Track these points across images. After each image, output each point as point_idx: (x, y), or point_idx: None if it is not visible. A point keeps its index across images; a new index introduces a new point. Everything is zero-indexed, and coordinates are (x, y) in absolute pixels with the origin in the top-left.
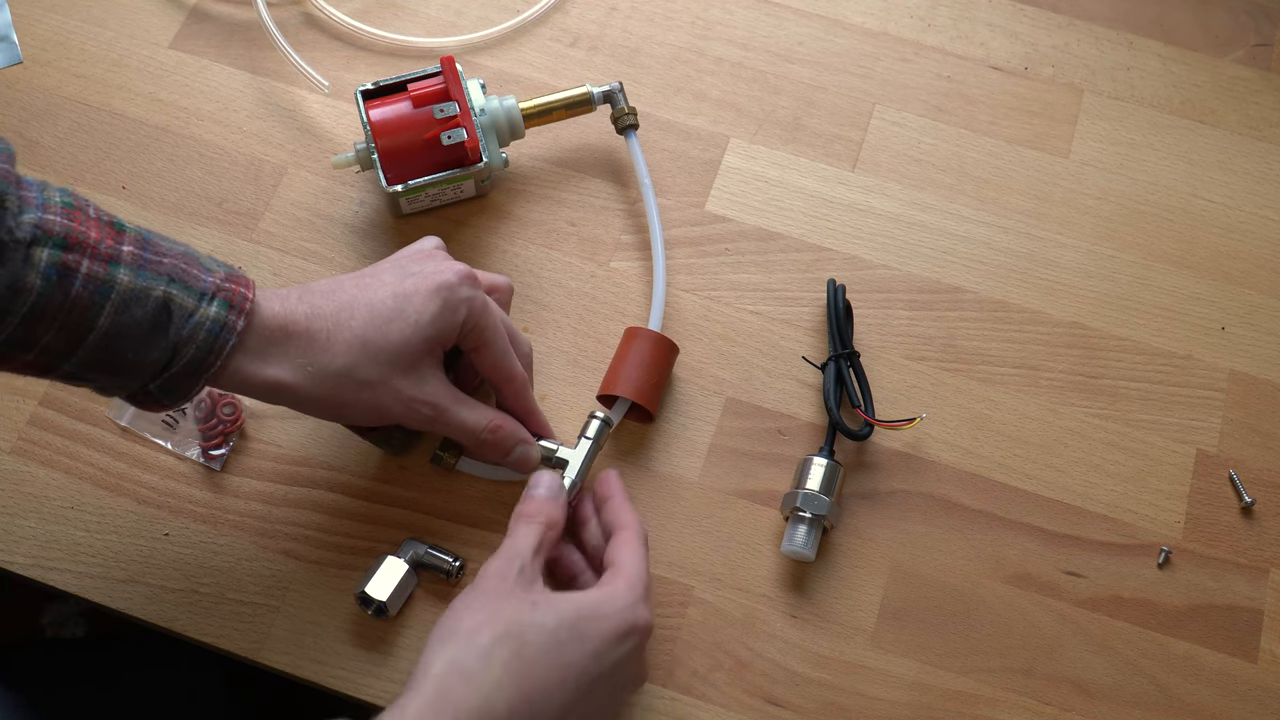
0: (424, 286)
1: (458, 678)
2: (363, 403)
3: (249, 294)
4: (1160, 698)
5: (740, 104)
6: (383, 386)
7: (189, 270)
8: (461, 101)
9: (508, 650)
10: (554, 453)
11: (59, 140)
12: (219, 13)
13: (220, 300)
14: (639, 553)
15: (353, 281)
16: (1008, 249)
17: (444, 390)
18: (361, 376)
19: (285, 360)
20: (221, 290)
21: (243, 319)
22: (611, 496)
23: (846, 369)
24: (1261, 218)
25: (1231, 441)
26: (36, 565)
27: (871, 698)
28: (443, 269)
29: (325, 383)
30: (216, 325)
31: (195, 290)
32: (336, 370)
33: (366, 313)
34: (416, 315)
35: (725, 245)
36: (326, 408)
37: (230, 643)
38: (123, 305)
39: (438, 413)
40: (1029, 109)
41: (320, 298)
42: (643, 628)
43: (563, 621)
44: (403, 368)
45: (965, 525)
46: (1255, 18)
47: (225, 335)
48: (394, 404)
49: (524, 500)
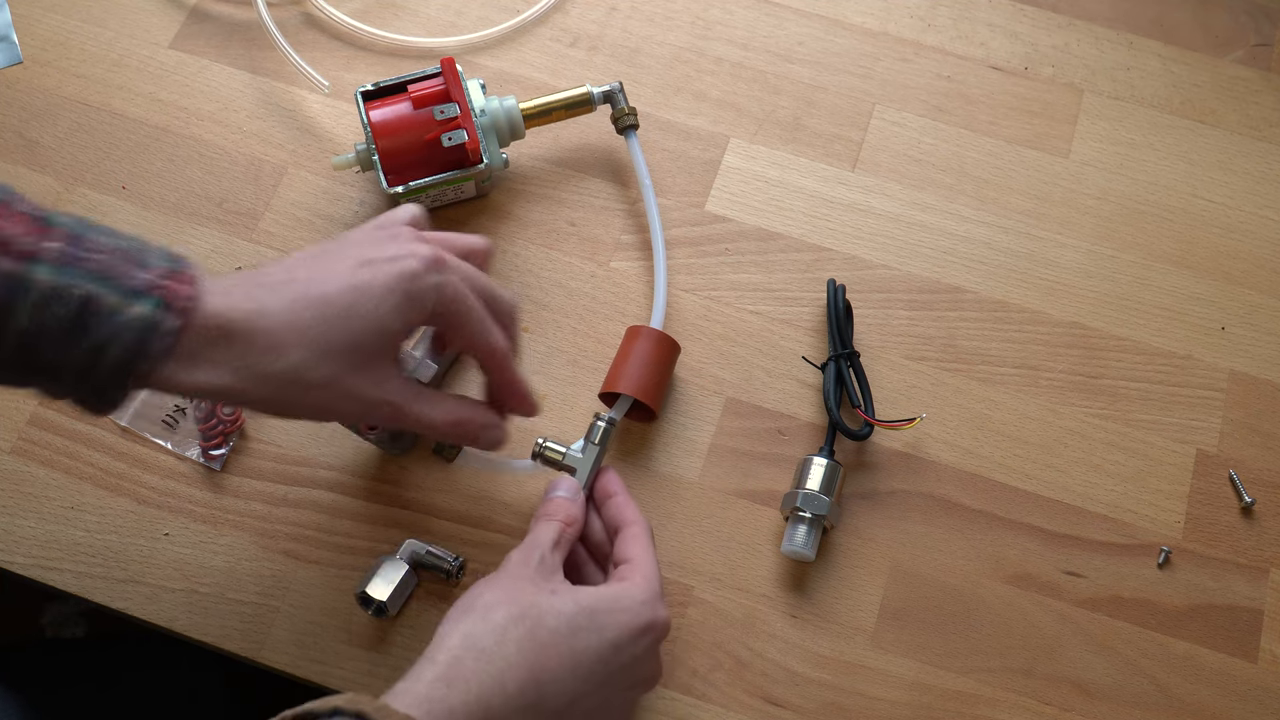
0: (382, 278)
1: (471, 652)
2: (312, 404)
3: (192, 291)
4: (1160, 698)
5: (740, 104)
6: (335, 387)
7: (121, 267)
8: (462, 103)
9: (522, 629)
10: (563, 456)
11: (59, 140)
12: (219, 13)
13: (152, 299)
14: (650, 549)
15: (305, 270)
16: (1008, 249)
17: (401, 387)
18: (311, 378)
19: (223, 363)
20: (157, 288)
21: (179, 319)
22: (615, 494)
23: (846, 369)
24: (1261, 218)
25: (1231, 441)
26: (36, 565)
27: (871, 698)
28: (405, 255)
29: (268, 385)
30: (147, 326)
31: (124, 288)
32: (281, 371)
33: (319, 308)
34: (374, 310)
35: (725, 245)
36: (273, 409)
37: (230, 643)
38: (43, 303)
39: (396, 411)
40: (1029, 109)
41: (267, 292)
42: (661, 625)
43: (580, 609)
44: (357, 366)
45: (965, 525)
46: (1255, 18)
47: (156, 336)
48: (348, 404)
49: (545, 502)
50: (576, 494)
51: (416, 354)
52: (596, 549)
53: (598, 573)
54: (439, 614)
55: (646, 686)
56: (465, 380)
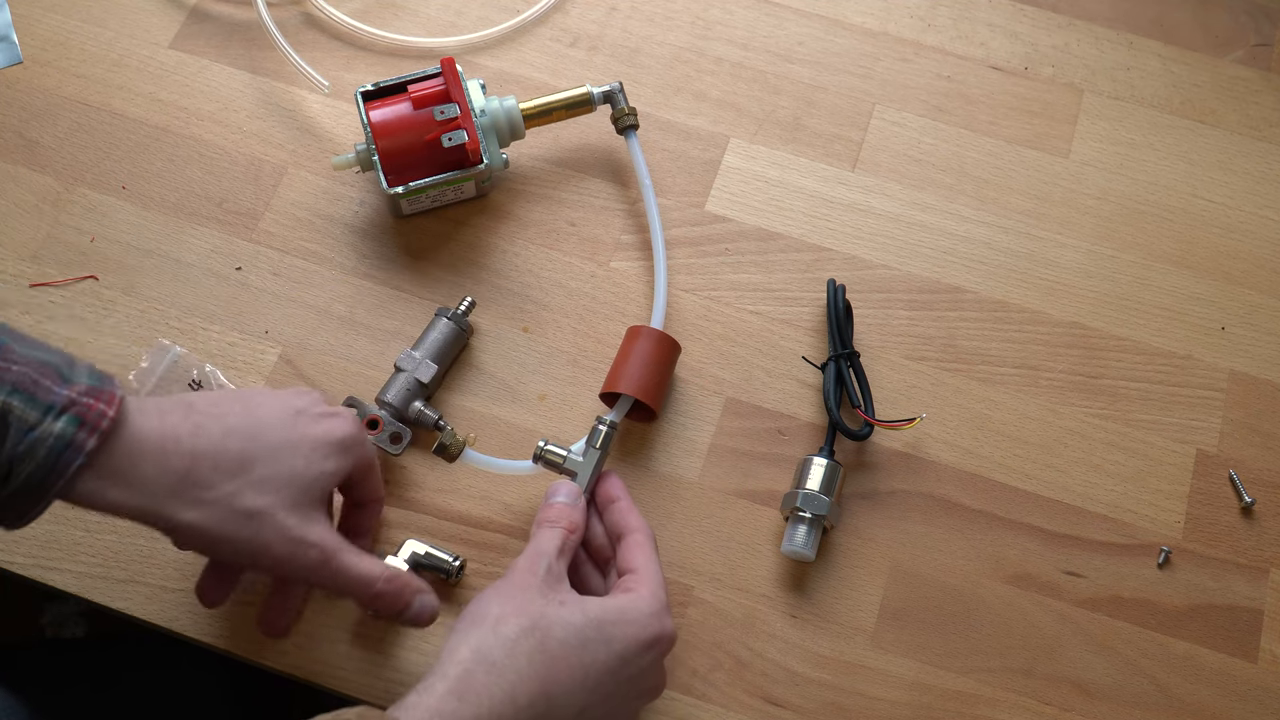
0: (319, 432)
1: (482, 665)
2: (241, 536)
3: (109, 411)
4: (1160, 698)
5: (740, 104)
6: (268, 521)
7: (40, 381)
8: (462, 103)
9: (533, 642)
10: (564, 459)
11: (59, 140)
12: (219, 13)
13: (70, 416)
14: (654, 559)
15: (239, 405)
16: (1008, 249)
17: (332, 535)
18: (245, 506)
19: (153, 483)
20: (75, 405)
21: (94, 438)
22: (617, 499)
23: (846, 369)
24: (1261, 218)
25: (1231, 441)
26: (36, 565)
27: (871, 698)
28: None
29: (203, 512)
30: (60, 443)
31: (41, 403)
32: (216, 498)
33: (258, 441)
34: (309, 455)
35: (725, 245)
36: (197, 539)
37: (230, 643)
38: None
39: (326, 557)
40: (1029, 109)
41: (206, 418)
42: (668, 638)
43: (589, 620)
44: (290, 504)
45: (965, 525)
46: (1255, 18)
47: (70, 454)
48: (277, 540)
49: (545, 508)
50: (577, 499)
51: (417, 354)
52: (597, 553)
53: (597, 576)
54: (440, 615)
55: (651, 696)
56: (465, 380)
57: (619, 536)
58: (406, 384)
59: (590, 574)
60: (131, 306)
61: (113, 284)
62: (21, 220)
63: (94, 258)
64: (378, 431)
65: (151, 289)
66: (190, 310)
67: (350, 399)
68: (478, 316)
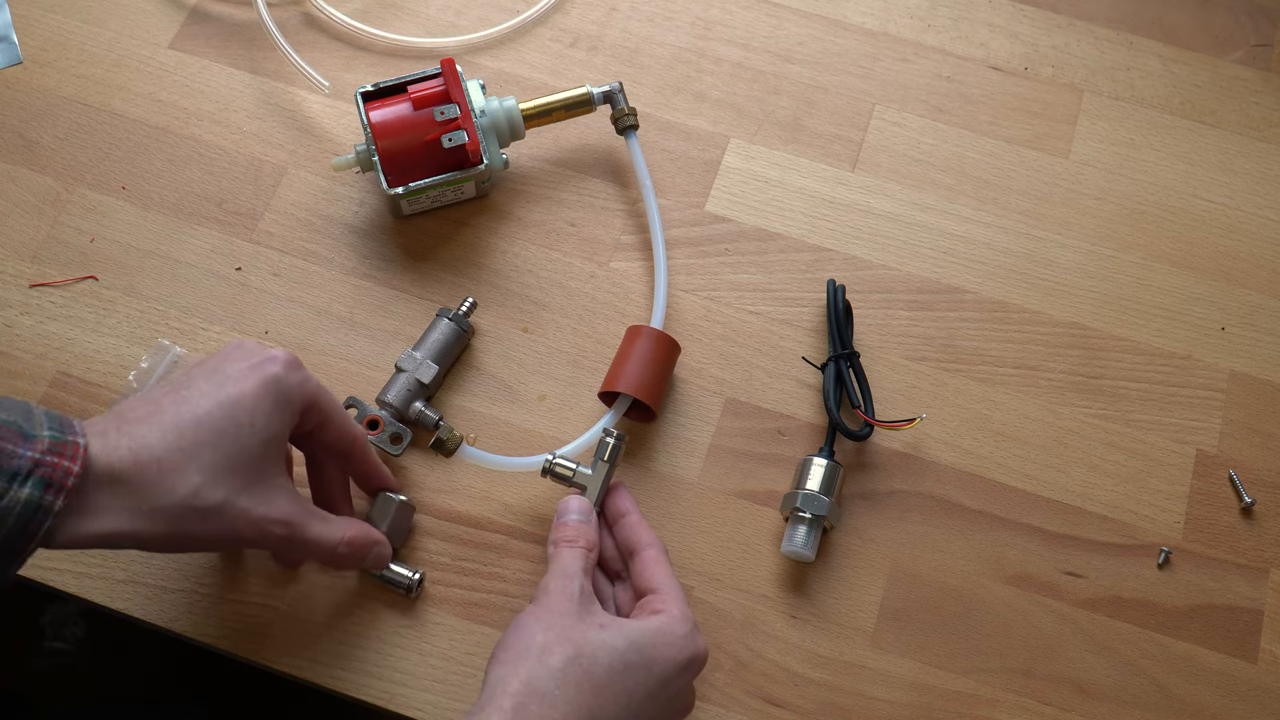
0: (250, 387)
1: (534, 697)
2: (209, 533)
3: (74, 467)
4: (1160, 698)
5: (740, 104)
6: (229, 510)
7: (3, 446)
8: (462, 104)
9: (580, 671)
10: (574, 473)
11: (59, 140)
12: (219, 13)
13: (36, 480)
14: (673, 574)
15: (169, 398)
16: (1008, 249)
17: (295, 505)
18: (204, 503)
19: (114, 508)
20: (40, 467)
21: (61, 497)
22: (627, 513)
23: (846, 369)
24: (1261, 218)
25: (1231, 442)
26: (36, 565)
27: (871, 698)
28: (263, 360)
29: (162, 520)
30: (29, 509)
31: (6, 470)
32: (174, 504)
33: (195, 431)
34: (250, 420)
35: (725, 245)
36: (171, 544)
37: (230, 643)
38: None
39: (292, 530)
40: (1029, 109)
41: (141, 426)
42: (702, 657)
43: (630, 644)
44: (248, 484)
45: (965, 525)
46: (1255, 18)
47: (40, 517)
48: (244, 528)
49: (560, 527)
50: (589, 515)
51: (417, 355)
52: (608, 564)
53: (608, 585)
54: (440, 615)
55: (682, 715)
56: (465, 380)
57: (631, 552)
58: (407, 384)
59: (603, 584)
60: (131, 307)
61: (113, 284)
62: (21, 220)
63: (94, 258)
64: (378, 432)
65: (151, 289)
66: (190, 310)
67: (350, 399)
68: (477, 317)
